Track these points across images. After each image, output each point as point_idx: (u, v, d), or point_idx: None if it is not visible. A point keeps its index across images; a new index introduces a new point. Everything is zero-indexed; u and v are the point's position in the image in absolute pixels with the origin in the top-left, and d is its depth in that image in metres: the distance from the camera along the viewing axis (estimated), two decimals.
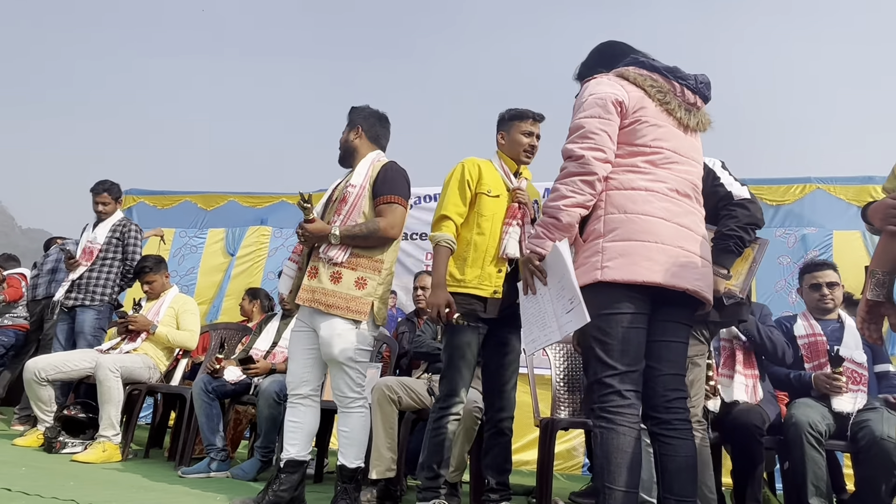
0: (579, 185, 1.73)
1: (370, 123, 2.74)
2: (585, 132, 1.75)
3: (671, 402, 1.76)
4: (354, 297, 2.46)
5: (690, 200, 1.82)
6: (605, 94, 1.77)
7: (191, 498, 2.64)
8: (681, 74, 1.87)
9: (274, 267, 5.67)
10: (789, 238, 4.59)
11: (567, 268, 1.70)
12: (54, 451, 3.43)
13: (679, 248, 1.73)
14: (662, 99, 1.83)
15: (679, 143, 1.83)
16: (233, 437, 4.00)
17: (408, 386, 3.08)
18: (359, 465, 2.50)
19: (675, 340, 1.81)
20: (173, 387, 3.97)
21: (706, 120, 1.94)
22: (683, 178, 1.81)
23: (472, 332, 2.51)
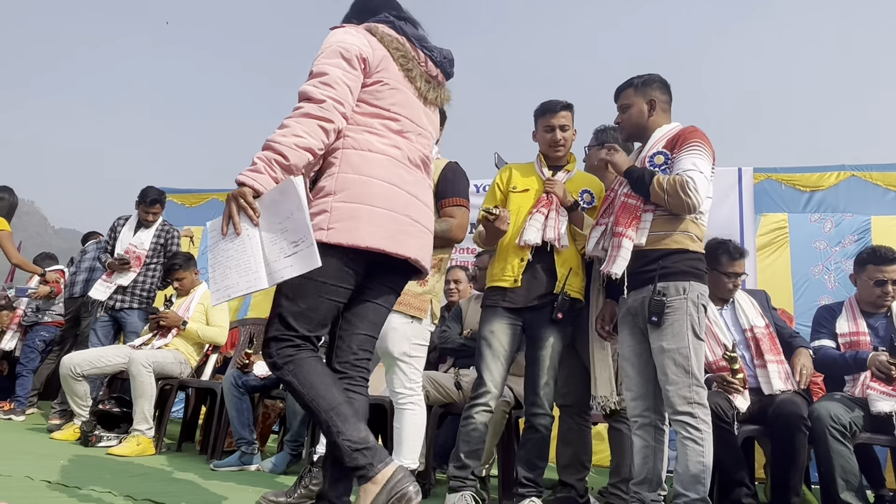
0: (315, 128, 1.58)
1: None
2: (329, 79, 1.62)
3: (360, 360, 1.76)
4: (416, 293, 2.40)
5: (421, 171, 1.80)
6: (352, 45, 1.66)
7: (223, 490, 2.68)
8: (427, 45, 1.82)
9: None
10: (825, 223, 4.50)
11: (301, 206, 1.51)
12: (90, 444, 3.50)
13: (406, 217, 1.70)
14: (405, 64, 1.76)
15: (416, 112, 1.79)
16: (262, 431, 4.04)
17: (435, 380, 3.08)
18: (406, 466, 2.39)
19: (382, 305, 1.79)
20: (204, 381, 4.03)
21: (446, 96, 1.90)
22: (417, 147, 1.78)
23: (498, 322, 2.49)
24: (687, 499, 2.08)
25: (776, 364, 2.77)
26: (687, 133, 2.28)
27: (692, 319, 2.16)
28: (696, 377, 2.13)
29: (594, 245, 2.40)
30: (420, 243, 1.74)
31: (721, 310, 2.92)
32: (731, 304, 2.94)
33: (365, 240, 1.61)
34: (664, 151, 2.29)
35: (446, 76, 1.89)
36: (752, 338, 2.83)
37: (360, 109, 1.70)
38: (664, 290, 2.17)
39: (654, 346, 2.19)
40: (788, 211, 4.58)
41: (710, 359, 2.81)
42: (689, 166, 2.17)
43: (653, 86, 2.40)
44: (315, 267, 1.49)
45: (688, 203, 2.15)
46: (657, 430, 2.27)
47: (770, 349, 2.80)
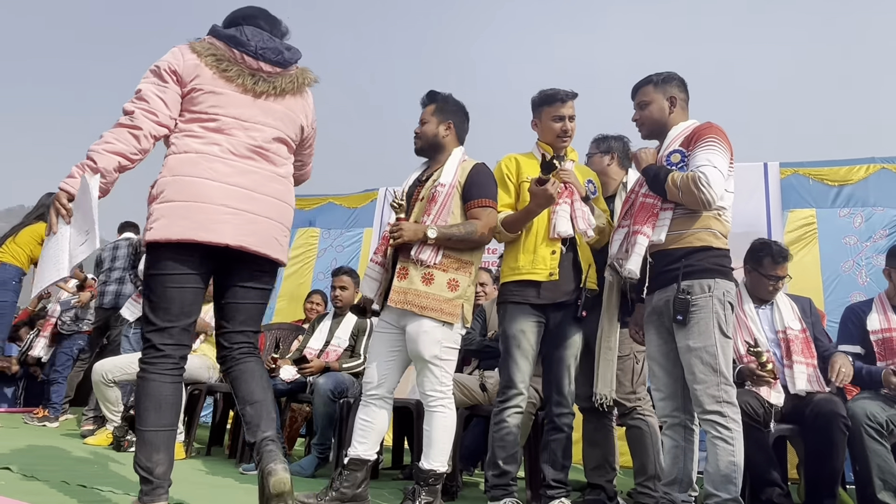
0: (125, 134, 1.82)
1: (460, 119, 2.63)
2: (141, 94, 1.87)
3: (240, 337, 2.00)
4: (447, 298, 2.39)
5: (255, 161, 1.95)
6: (163, 62, 1.90)
7: (252, 494, 2.70)
8: (240, 42, 1.96)
9: (323, 267, 5.76)
10: (855, 218, 4.39)
11: (90, 201, 1.74)
12: (122, 449, 3.56)
13: (222, 206, 1.85)
14: (219, 66, 1.92)
15: (243, 109, 1.95)
16: (289, 435, 4.08)
17: (460, 382, 3.08)
18: (433, 469, 2.37)
19: (249, 287, 1.98)
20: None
21: (289, 83, 2.03)
22: (245, 141, 1.93)
23: (526, 320, 2.45)
24: (718, 499, 2.05)
25: (804, 366, 2.74)
26: (702, 129, 2.25)
27: (718, 317, 2.13)
28: (725, 375, 2.10)
29: (617, 248, 2.38)
30: (243, 229, 1.88)
31: (759, 308, 2.90)
32: (770, 305, 2.91)
33: (175, 233, 1.82)
34: (680, 150, 2.26)
35: (276, 65, 2.01)
36: (783, 339, 2.80)
37: (182, 118, 1.92)
38: (688, 288, 2.15)
39: (681, 345, 2.16)
40: (816, 206, 4.48)
41: (742, 351, 2.79)
42: (703, 162, 2.15)
43: (672, 83, 2.38)
44: (95, 249, 1.76)
45: (701, 199, 2.12)
46: (686, 430, 2.24)
47: (801, 351, 2.77)
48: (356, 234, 5.89)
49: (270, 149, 1.99)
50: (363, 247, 5.80)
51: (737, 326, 2.83)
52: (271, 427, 1.96)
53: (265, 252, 1.94)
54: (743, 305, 2.90)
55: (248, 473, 3.21)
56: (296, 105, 2.08)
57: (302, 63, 2.15)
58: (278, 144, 2.03)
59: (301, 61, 2.14)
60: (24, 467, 2.63)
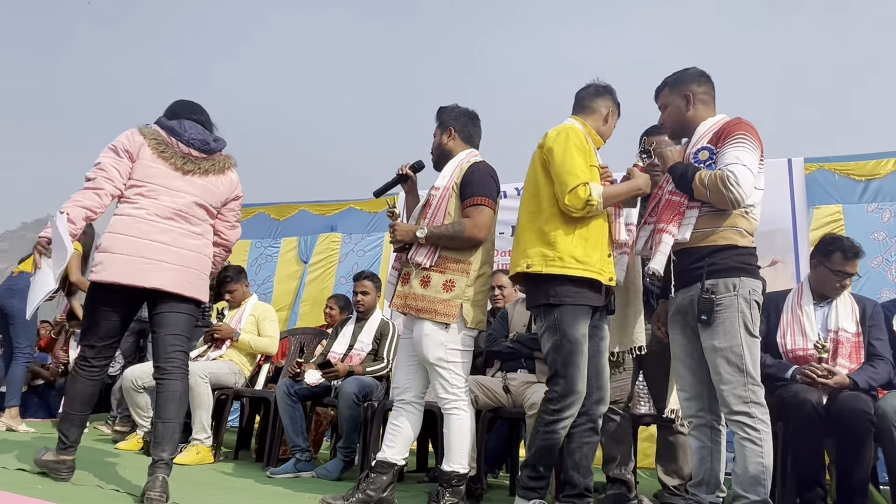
0: (89, 193, 2.40)
1: (462, 123, 2.70)
2: (100, 165, 2.46)
3: (169, 355, 2.50)
4: (442, 299, 2.44)
5: (175, 221, 2.50)
6: (118, 142, 2.49)
7: (281, 497, 2.74)
8: (176, 132, 2.55)
9: (345, 272, 5.81)
10: (883, 213, 4.31)
11: (59, 237, 2.36)
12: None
13: (143, 258, 2.42)
14: (158, 148, 2.51)
15: (171, 181, 2.52)
16: (314, 439, 4.12)
17: (483, 385, 3.09)
18: (454, 470, 2.43)
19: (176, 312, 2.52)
20: (258, 391, 4.13)
21: (211, 166, 2.60)
22: (168, 205, 2.49)
23: (586, 322, 2.33)
24: (747, 500, 2.03)
25: (846, 371, 2.69)
26: (731, 126, 2.22)
27: (744, 316, 2.10)
28: (752, 375, 2.08)
29: (643, 245, 2.37)
30: (163, 275, 2.45)
31: (817, 306, 2.85)
32: (827, 303, 2.85)
33: (108, 277, 2.40)
34: (708, 147, 2.24)
35: (203, 151, 2.59)
36: (834, 339, 2.75)
37: (125, 186, 2.49)
38: (713, 287, 2.13)
39: (706, 345, 2.15)
40: (843, 202, 4.40)
41: (790, 346, 2.78)
42: (732, 160, 2.12)
43: (687, 80, 2.36)
44: (68, 257, 2.35)
45: (730, 198, 2.09)
46: (713, 431, 2.22)
47: (849, 354, 2.73)
48: (377, 239, 5.93)
49: (189, 212, 2.54)
50: (384, 251, 5.84)
51: (791, 321, 2.82)
52: (170, 449, 2.41)
53: (178, 291, 2.49)
54: (801, 301, 2.86)
55: (276, 477, 3.26)
56: (217, 181, 2.63)
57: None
58: (197, 209, 2.57)
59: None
60: None
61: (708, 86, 2.37)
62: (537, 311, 2.40)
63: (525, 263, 2.34)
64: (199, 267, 2.56)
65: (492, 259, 2.60)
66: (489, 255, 2.57)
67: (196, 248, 2.56)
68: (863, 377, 2.65)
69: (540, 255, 2.31)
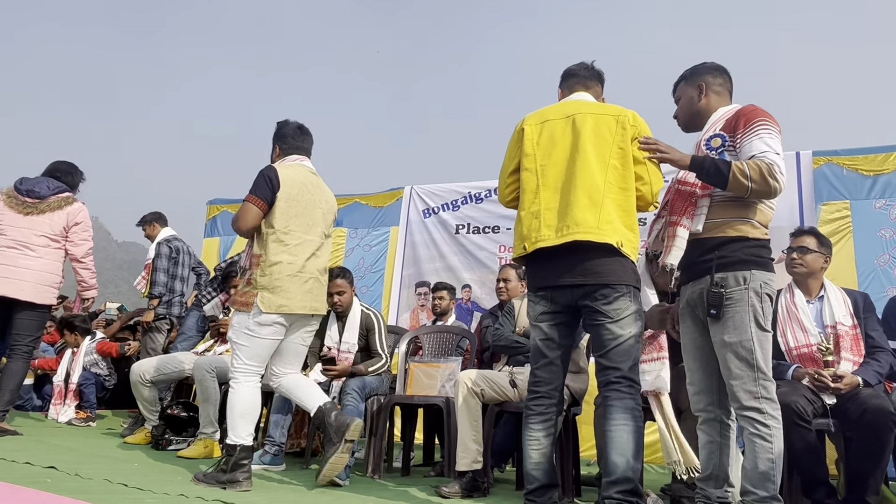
0: None
1: (282, 137, 3.10)
2: None
3: (15, 344, 3.70)
4: (243, 291, 2.86)
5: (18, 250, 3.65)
6: None
7: (287, 490, 2.76)
8: (18, 188, 3.79)
9: (351, 266, 5.79)
10: (891, 209, 4.26)
11: None
12: (161, 447, 3.65)
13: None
14: (9, 202, 3.73)
15: (17, 220, 3.71)
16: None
17: (490, 379, 3.09)
18: (235, 443, 2.71)
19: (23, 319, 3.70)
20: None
21: (46, 207, 3.76)
22: (16, 238, 3.66)
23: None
24: (756, 497, 2.03)
25: (851, 363, 2.70)
26: (748, 112, 2.15)
27: (755, 311, 2.06)
28: (763, 371, 2.05)
29: (654, 238, 2.35)
30: (11, 286, 3.61)
31: (809, 302, 2.86)
32: (819, 299, 2.86)
33: None
34: (721, 134, 2.18)
35: (37, 198, 3.76)
36: (833, 334, 2.75)
37: None
38: (722, 281, 2.09)
39: (716, 339, 2.12)
40: (851, 198, 4.34)
41: (792, 343, 2.77)
42: (765, 147, 2.05)
43: (702, 73, 2.32)
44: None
45: (775, 188, 2.03)
46: (722, 426, 2.21)
47: (850, 347, 2.73)
48: (383, 233, 5.94)
49: (31, 241, 3.68)
50: (390, 245, 5.85)
51: (787, 319, 2.81)
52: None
53: (24, 298, 3.64)
54: (794, 298, 2.86)
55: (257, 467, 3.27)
56: (55, 216, 3.77)
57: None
58: (39, 237, 3.71)
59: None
60: (69, 466, 2.70)
61: (723, 77, 2.32)
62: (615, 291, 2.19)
63: (618, 240, 2.19)
64: (42, 281, 3.69)
65: (294, 249, 2.84)
66: (283, 244, 2.82)
67: (40, 266, 3.69)
68: (871, 373, 2.64)
69: (628, 239, 2.23)
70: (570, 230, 2.20)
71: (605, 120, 2.32)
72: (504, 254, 5.29)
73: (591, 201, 2.21)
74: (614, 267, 2.19)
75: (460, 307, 5.19)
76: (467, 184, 5.66)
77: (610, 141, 2.29)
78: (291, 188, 2.88)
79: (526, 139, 2.40)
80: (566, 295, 2.24)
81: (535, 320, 2.33)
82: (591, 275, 2.19)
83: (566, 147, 2.31)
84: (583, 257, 2.20)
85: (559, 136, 2.34)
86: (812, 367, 2.70)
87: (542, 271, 2.31)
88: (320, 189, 3.04)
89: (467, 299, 5.36)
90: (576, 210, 2.21)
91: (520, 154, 2.41)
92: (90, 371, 5.02)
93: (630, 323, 2.19)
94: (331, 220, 3.08)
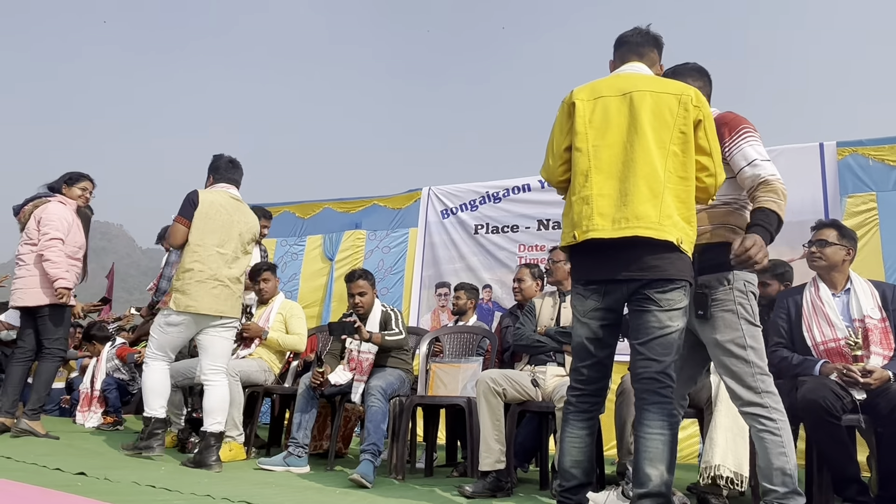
0: None
1: (215, 169, 3.69)
2: None
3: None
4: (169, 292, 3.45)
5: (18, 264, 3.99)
6: None
7: (312, 492, 2.78)
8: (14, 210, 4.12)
9: (370, 268, 5.81)
10: None
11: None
12: (187, 450, 3.70)
13: None
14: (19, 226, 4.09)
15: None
16: (343, 435, 4.15)
17: (512, 378, 3.08)
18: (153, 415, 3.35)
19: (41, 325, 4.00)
20: (287, 388, 4.18)
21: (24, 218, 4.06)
22: (17, 254, 4.04)
23: None
24: (777, 494, 1.99)
25: (881, 358, 2.64)
26: (730, 121, 2.19)
27: (743, 308, 2.09)
28: (758, 365, 2.06)
29: None
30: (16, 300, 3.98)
31: (835, 295, 2.81)
32: (845, 292, 2.81)
33: None
34: None
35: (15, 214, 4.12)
36: (861, 328, 2.70)
37: None
38: (706, 282, 2.12)
39: (708, 339, 2.14)
40: (877, 189, 4.24)
41: (819, 338, 2.73)
42: (756, 155, 2.12)
43: (683, 73, 2.33)
44: None
45: (786, 194, 2.11)
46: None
47: (879, 341, 2.67)
48: (402, 235, 5.96)
49: (21, 253, 3.99)
50: (409, 246, 5.86)
51: (813, 314, 2.78)
52: None
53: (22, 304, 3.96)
54: (819, 292, 2.82)
55: (264, 468, 3.33)
56: (29, 224, 3.99)
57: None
58: (23, 247, 3.98)
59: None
60: (98, 470, 2.76)
61: (703, 81, 2.32)
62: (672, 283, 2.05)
63: (678, 237, 2.03)
64: (23, 286, 3.94)
65: (205, 259, 3.39)
66: (196, 255, 3.39)
67: (20, 274, 3.99)
68: None
69: (686, 234, 2.06)
70: (629, 223, 2.03)
71: (666, 99, 2.11)
72: (524, 253, 5.27)
73: (652, 192, 2.04)
74: (674, 261, 2.05)
75: (481, 308, 5.18)
76: (485, 183, 5.66)
77: (671, 123, 2.09)
78: (209, 209, 3.46)
79: (578, 116, 2.17)
80: (621, 289, 2.09)
81: (585, 316, 2.16)
82: (650, 269, 2.04)
83: (622, 128, 2.12)
84: (640, 252, 2.04)
85: (614, 116, 2.13)
86: (840, 361, 2.66)
87: (593, 263, 2.13)
88: (240, 212, 3.61)
89: (488, 299, 5.35)
90: (636, 202, 2.04)
91: (573, 131, 2.19)
92: (112, 377, 5.11)
93: (679, 316, 2.05)
94: (248, 238, 3.63)
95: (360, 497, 2.70)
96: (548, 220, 5.23)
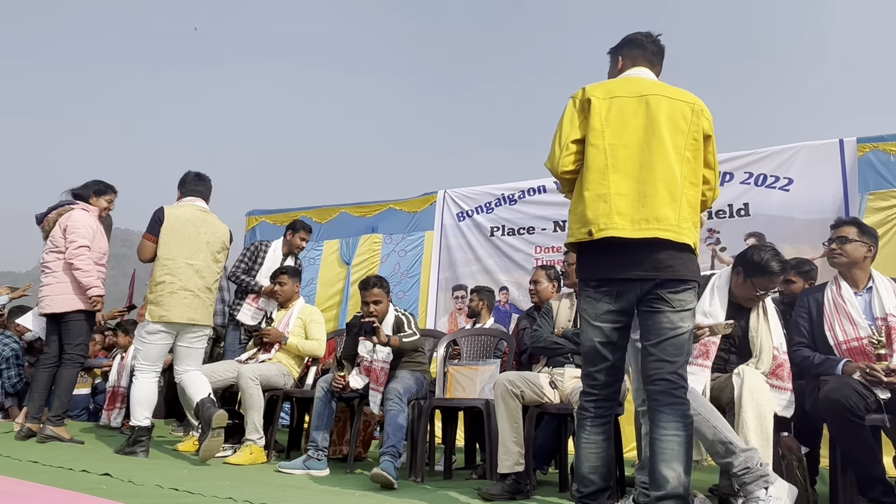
0: None
1: (182, 183, 3.98)
2: None
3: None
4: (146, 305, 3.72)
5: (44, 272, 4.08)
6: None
7: (331, 495, 2.80)
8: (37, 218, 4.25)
9: (387, 272, 5.85)
10: None
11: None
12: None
13: None
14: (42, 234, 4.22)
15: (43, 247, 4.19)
16: (363, 438, 4.17)
17: (529, 380, 3.07)
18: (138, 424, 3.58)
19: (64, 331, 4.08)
20: (307, 391, 4.21)
21: (48, 225, 4.12)
22: (42, 262, 4.10)
23: None
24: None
25: None
26: None
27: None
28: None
29: None
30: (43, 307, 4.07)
31: (857, 293, 2.78)
32: (867, 290, 2.78)
33: None
34: None
35: (39, 223, 4.17)
36: (884, 326, 2.66)
37: None
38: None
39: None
40: None
41: (841, 337, 2.70)
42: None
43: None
44: None
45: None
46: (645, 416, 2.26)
47: None
48: (418, 238, 5.98)
49: (47, 261, 4.06)
50: (425, 250, 5.88)
51: (835, 312, 2.75)
52: None
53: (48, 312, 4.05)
54: (840, 291, 2.79)
55: (284, 471, 3.35)
56: (54, 231, 4.05)
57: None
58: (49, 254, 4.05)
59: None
60: (122, 473, 2.80)
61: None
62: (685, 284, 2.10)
63: (694, 240, 2.12)
64: (51, 293, 4.00)
65: (175, 271, 3.64)
66: (166, 268, 3.64)
67: (47, 281, 4.04)
68: None
69: (697, 238, 2.15)
70: (649, 224, 2.05)
71: (680, 107, 2.16)
72: (540, 254, 5.27)
73: (672, 196, 2.08)
74: (686, 263, 2.10)
75: (498, 310, 5.18)
76: (500, 185, 5.66)
77: (685, 130, 2.15)
78: (175, 223, 3.70)
79: (594, 112, 2.16)
80: (634, 289, 2.09)
81: (597, 319, 2.14)
82: (664, 269, 2.06)
83: (638, 129, 2.13)
84: (657, 253, 2.07)
85: (630, 116, 2.15)
86: (863, 360, 2.62)
87: (607, 261, 2.12)
88: (207, 223, 3.83)
89: (505, 301, 5.35)
90: (657, 204, 2.06)
91: (585, 126, 2.18)
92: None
93: (689, 317, 2.09)
94: (217, 248, 3.85)
95: (379, 500, 2.71)
96: (563, 221, 5.22)
